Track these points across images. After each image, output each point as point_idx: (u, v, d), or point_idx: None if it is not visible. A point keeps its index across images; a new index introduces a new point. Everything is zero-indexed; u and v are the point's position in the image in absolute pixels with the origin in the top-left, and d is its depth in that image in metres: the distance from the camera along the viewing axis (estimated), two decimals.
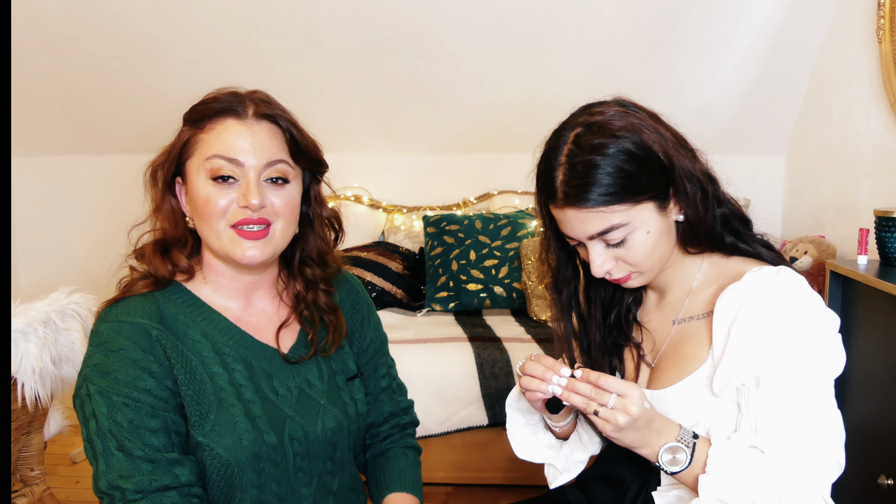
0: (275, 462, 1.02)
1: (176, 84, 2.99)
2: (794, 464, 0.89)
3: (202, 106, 1.04)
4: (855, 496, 1.81)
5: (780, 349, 0.91)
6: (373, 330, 1.23)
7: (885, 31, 2.27)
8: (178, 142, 1.04)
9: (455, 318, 2.78)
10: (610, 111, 0.97)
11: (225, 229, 1.01)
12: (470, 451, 2.33)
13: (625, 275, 1.01)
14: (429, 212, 3.25)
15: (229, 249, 1.01)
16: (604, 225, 0.95)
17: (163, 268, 1.04)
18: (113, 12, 2.74)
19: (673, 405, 1.01)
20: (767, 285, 0.94)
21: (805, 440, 0.90)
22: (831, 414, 0.92)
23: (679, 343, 1.05)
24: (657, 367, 1.07)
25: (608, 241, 0.97)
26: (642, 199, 0.95)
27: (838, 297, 1.92)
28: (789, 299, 0.93)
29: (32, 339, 1.68)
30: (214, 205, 0.99)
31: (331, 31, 2.81)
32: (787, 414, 0.91)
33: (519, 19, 2.74)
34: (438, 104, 3.10)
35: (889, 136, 2.30)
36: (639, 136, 0.94)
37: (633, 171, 0.93)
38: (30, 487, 1.88)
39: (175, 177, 1.05)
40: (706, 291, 1.04)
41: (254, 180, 1.00)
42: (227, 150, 0.99)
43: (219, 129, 1.01)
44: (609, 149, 0.93)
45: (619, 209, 0.94)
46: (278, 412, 1.04)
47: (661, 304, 1.10)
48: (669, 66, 2.84)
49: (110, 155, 3.31)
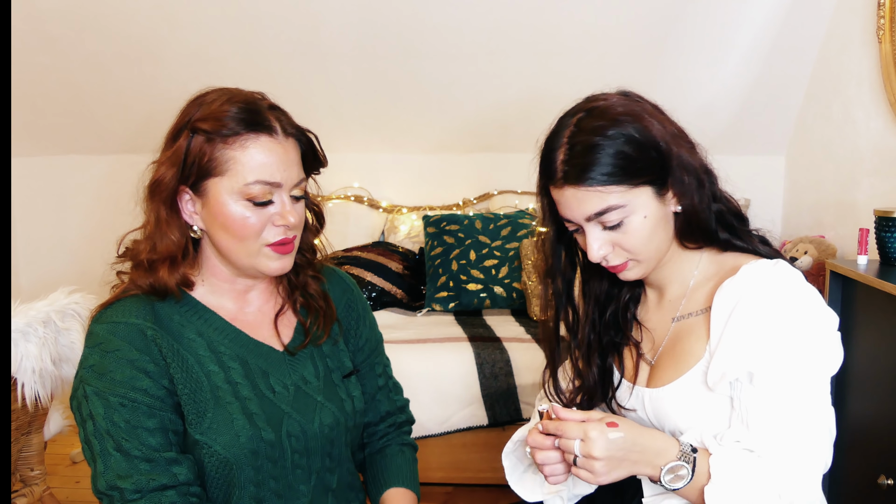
0: (272, 459, 1.02)
1: (176, 84, 2.98)
2: (788, 462, 0.90)
3: (222, 116, 0.96)
4: (855, 496, 1.81)
5: (775, 344, 0.91)
6: (368, 329, 1.23)
7: (885, 31, 2.27)
8: (192, 154, 0.98)
9: (455, 318, 2.77)
10: (613, 98, 0.99)
11: (260, 248, 1.00)
12: (470, 451, 2.33)
13: (622, 262, 1.01)
14: (429, 212, 3.25)
15: (259, 264, 1.01)
16: (601, 205, 0.96)
17: (171, 280, 1.01)
18: (113, 12, 2.74)
19: (671, 403, 1.01)
20: (763, 279, 0.95)
21: (795, 438, 0.90)
22: (824, 412, 0.93)
23: (678, 340, 1.05)
24: (657, 365, 1.07)
25: (605, 223, 0.97)
26: (640, 183, 0.96)
27: (838, 297, 1.92)
28: (785, 293, 0.93)
29: (32, 339, 1.68)
30: (252, 227, 0.98)
31: (331, 30, 2.81)
32: (779, 411, 0.91)
33: (519, 19, 2.74)
34: (439, 104, 3.10)
35: (889, 136, 2.30)
36: (640, 123, 0.96)
37: (632, 154, 0.95)
38: (30, 487, 1.87)
39: (179, 185, 1.00)
40: (704, 287, 1.04)
41: (288, 201, 1.00)
42: (270, 175, 0.97)
43: (254, 150, 0.96)
44: (609, 131, 0.94)
45: (616, 190, 0.95)
46: (275, 409, 1.04)
47: (661, 302, 1.10)
48: (669, 66, 2.84)
49: (110, 155, 3.31)
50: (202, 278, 1.07)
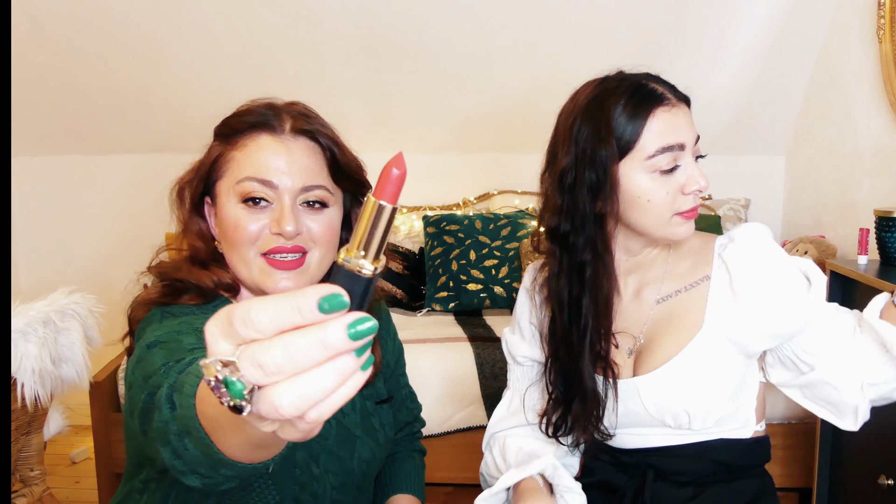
0: (314, 494, 0.96)
1: (176, 84, 2.99)
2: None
3: (234, 119, 0.94)
4: (855, 496, 1.81)
5: (803, 295, 1.00)
6: (391, 339, 1.17)
7: (885, 30, 2.27)
8: (208, 159, 0.94)
9: (455, 318, 2.77)
10: None
11: (255, 258, 0.90)
12: (470, 451, 2.33)
13: (698, 202, 1.03)
14: (429, 212, 3.25)
15: (260, 280, 0.90)
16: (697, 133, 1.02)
17: (207, 279, 0.92)
18: (113, 12, 2.74)
19: (673, 380, 1.02)
20: (755, 245, 1.02)
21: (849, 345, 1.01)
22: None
23: (667, 319, 1.05)
24: (645, 351, 1.07)
25: (697, 153, 1.02)
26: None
27: (838, 297, 1.92)
28: (775, 250, 1.02)
29: (32, 339, 1.67)
30: (244, 230, 0.89)
31: (330, 30, 2.81)
32: (836, 339, 1.01)
33: (519, 19, 2.74)
34: (438, 104, 3.10)
35: (889, 136, 2.30)
36: None
37: None
38: (29, 487, 1.87)
39: (203, 196, 0.96)
40: (682, 265, 1.08)
41: (288, 205, 0.89)
42: (260, 171, 0.89)
43: (252, 147, 0.91)
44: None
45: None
46: (320, 447, 0.97)
47: (640, 289, 1.10)
48: (669, 66, 2.81)
49: (110, 155, 3.31)
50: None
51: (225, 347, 0.39)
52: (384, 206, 0.41)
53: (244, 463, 0.56)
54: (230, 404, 0.39)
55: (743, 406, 1.06)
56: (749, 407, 1.07)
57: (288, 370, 0.38)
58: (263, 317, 0.38)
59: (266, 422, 0.41)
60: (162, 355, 0.76)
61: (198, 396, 0.56)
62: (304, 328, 0.38)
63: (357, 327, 0.38)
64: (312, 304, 0.38)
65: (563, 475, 1.04)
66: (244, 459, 0.56)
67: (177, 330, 0.82)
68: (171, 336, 0.80)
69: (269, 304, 0.38)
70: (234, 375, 0.38)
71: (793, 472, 2.20)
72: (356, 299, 0.40)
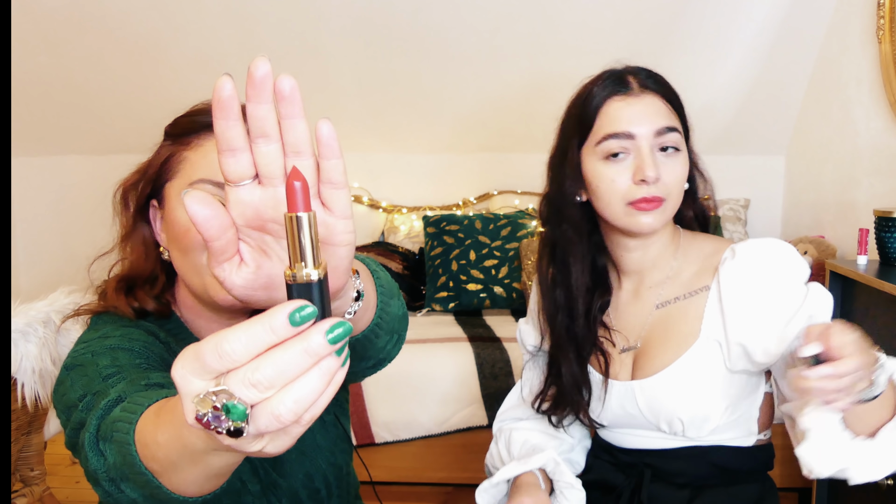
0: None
1: (176, 84, 2.99)
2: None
3: (186, 119, 0.90)
4: (855, 496, 1.81)
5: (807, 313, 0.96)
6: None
7: (885, 31, 2.27)
8: (157, 159, 0.90)
9: (455, 318, 2.77)
10: None
11: (200, 265, 0.85)
12: (470, 451, 2.33)
13: (660, 195, 0.99)
14: (429, 212, 3.25)
15: (210, 288, 0.83)
16: (670, 123, 1.01)
17: (126, 308, 0.89)
18: (113, 12, 2.74)
19: (669, 388, 1.02)
20: (751, 266, 0.99)
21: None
22: None
23: (664, 326, 1.05)
24: (643, 355, 1.07)
25: (665, 144, 1.00)
26: (685, 134, 1.04)
27: (838, 297, 1.92)
28: (772, 275, 0.99)
29: (32, 339, 1.67)
30: (195, 236, 0.82)
31: (330, 30, 2.81)
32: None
33: (519, 20, 2.74)
34: (438, 104, 3.10)
35: (889, 136, 2.30)
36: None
37: (683, 106, 1.05)
38: (30, 487, 1.87)
39: (150, 198, 0.92)
40: (687, 271, 1.06)
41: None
42: (216, 174, 0.84)
43: (207, 147, 0.86)
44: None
45: (677, 121, 1.02)
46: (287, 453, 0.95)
47: (640, 291, 1.10)
48: (669, 66, 2.81)
49: (110, 155, 3.31)
50: (181, 314, 0.94)
51: (199, 384, 0.42)
52: (301, 217, 0.44)
53: (192, 496, 0.57)
54: (230, 429, 0.42)
55: (744, 416, 1.05)
56: (751, 417, 1.06)
57: (279, 383, 0.41)
58: (237, 346, 0.41)
59: (256, 440, 0.44)
60: (80, 385, 0.78)
61: (141, 443, 0.57)
62: (285, 343, 0.41)
63: (335, 332, 0.41)
64: (284, 320, 0.41)
65: (563, 471, 1.05)
66: (195, 493, 0.57)
67: (93, 350, 0.82)
68: (86, 358, 0.81)
69: (240, 333, 0.41)
70: (232, 400, 0.41)
71: (793, 472, 2.20)
72: (318, 304, 0.43)
